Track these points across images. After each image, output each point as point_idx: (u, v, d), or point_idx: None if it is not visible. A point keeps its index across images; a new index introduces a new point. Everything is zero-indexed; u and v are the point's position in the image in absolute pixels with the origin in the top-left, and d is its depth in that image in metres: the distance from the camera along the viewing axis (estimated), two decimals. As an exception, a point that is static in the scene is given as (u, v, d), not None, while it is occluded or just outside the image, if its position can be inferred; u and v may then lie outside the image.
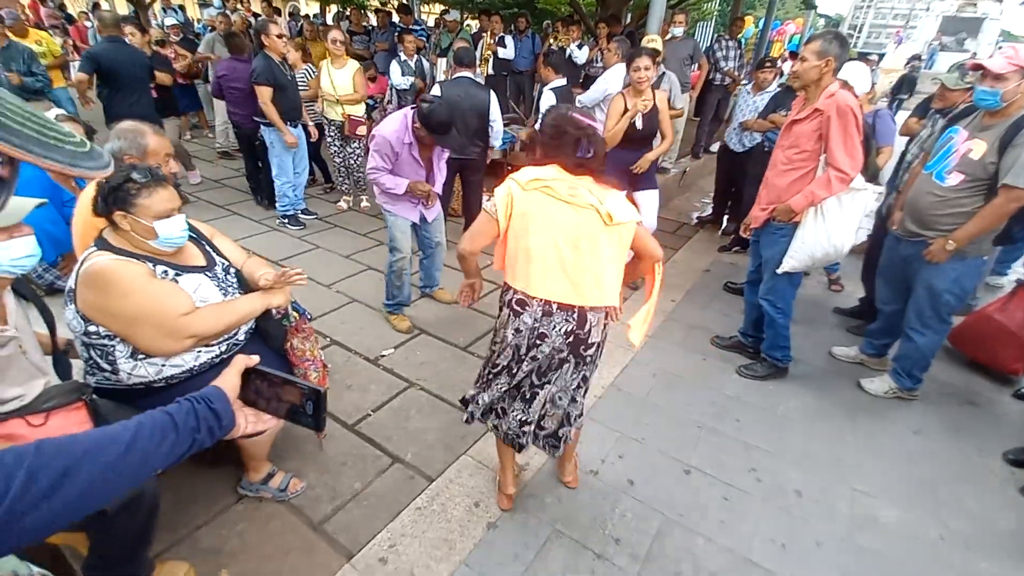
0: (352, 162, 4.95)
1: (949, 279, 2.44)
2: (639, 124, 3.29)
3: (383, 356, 2.90)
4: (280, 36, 4.03)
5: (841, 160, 2.29)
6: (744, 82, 5.82)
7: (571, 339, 1.64)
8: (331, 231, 4.62)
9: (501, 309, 1.72)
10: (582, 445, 2.32)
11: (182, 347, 1.60)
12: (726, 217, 5.12)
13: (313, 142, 4.73)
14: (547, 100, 4.17)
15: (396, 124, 2.61)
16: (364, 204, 5.12)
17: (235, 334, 1.77)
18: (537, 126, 4.33)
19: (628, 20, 8.99)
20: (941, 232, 2.38)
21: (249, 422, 0.89)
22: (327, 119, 4.74)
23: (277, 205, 4.59)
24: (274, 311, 1.88)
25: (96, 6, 11.12)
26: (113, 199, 1.52)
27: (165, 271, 1.62)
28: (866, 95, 3.54)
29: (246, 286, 1.86)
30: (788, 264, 2.56)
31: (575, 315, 1.62)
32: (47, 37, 5.64)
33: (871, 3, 46.04)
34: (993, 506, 2.17)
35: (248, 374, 0.89)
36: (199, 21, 12.02)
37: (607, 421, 2.49)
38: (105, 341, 1.56)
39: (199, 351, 1.67)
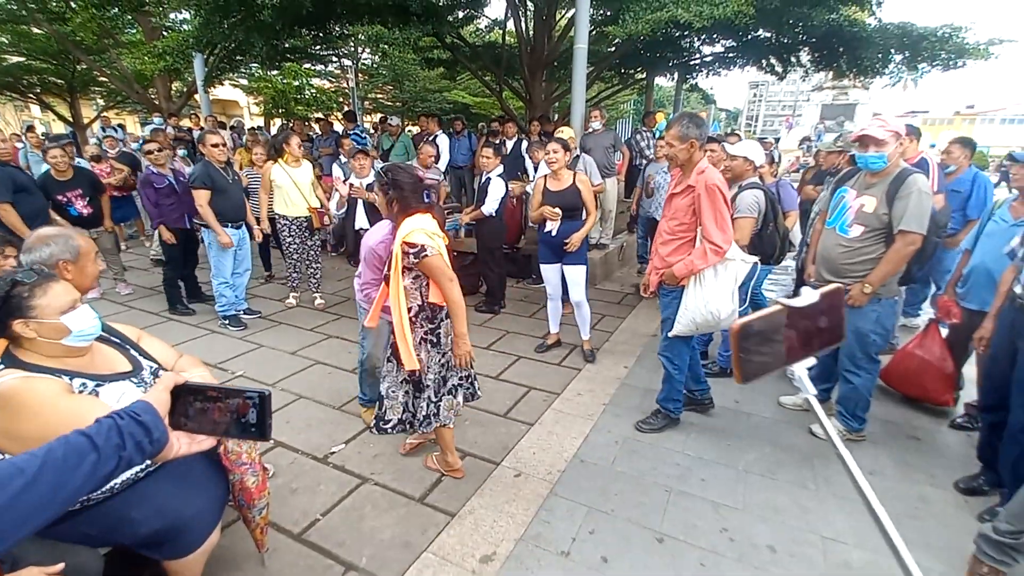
0: (313, 254, 4.95)
1: (871, 320, 2.65)
2: (558, 198, 3.61)
3: (333, 453, 2.72)
4: (216, 145, 4.18)
5: (714, 234, 2.51)
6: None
7: None
8: (276, 328, 4.48)
9: (440, 323, 2.28)
10: (548, 525, 2.22)
11: None
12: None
13: (259, 242, 4.73)
14: (497, 187, 4.42)
15: (381, 233, 2.50)
16: (319, 302, 5.02)
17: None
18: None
19: (556, 118, 9.95)
20: (854, 278, 2.62)
21: (183, 444, 0.81)
22: (286, 218, 4.72)
23: (216, 306, 4.45)
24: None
25: (31, 128, 11.07)
26: (5, 312, 1.40)
27: (84, 383, 1.50)
28: (768, 169, 4.06)
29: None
30: (677, 328, 2.71)
31: None
32: None
33: (761, 97, 53.25)
34: (955, 537, 2.19)
35: (179, 396, 0.81)
36: (140, 138, 12.17)
37: (574, 495, 2.40)
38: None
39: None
